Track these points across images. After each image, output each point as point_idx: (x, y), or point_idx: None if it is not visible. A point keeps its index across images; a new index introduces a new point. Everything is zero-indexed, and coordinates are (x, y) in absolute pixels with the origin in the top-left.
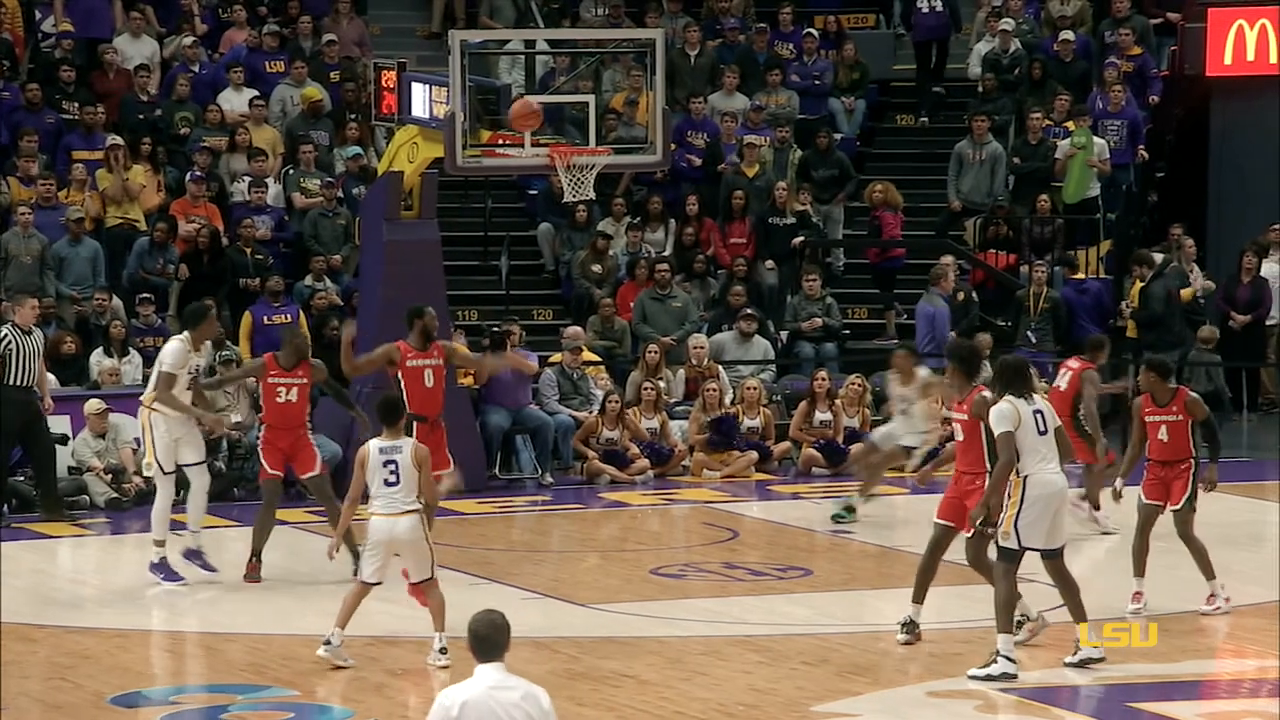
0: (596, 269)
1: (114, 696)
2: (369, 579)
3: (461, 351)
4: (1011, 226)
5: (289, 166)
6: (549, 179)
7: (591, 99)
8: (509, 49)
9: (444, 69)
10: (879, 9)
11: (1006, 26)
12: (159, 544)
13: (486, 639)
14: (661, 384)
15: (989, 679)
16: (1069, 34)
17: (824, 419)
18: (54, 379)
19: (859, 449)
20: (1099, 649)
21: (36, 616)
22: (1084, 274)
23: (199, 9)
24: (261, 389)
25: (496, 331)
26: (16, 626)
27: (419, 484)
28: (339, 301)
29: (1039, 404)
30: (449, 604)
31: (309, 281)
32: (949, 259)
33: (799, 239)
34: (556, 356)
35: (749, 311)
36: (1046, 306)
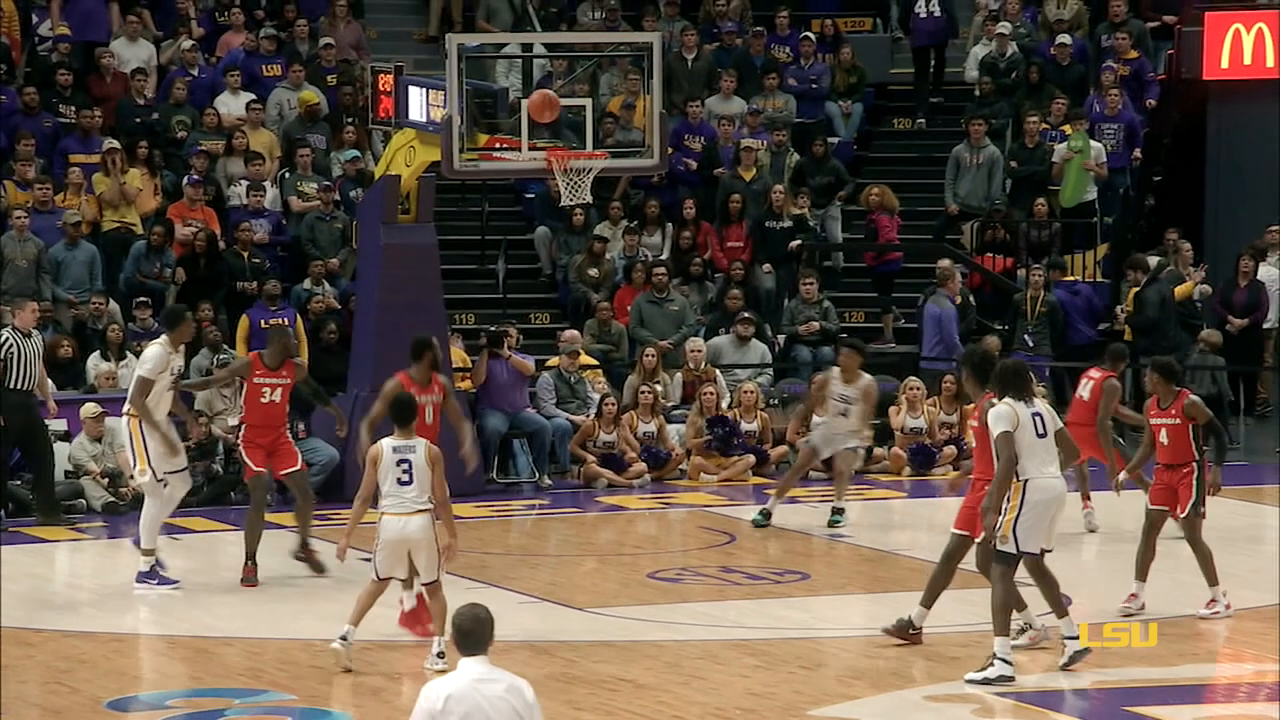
0: (593, 272)
1: (111, 701)
2: (382, 575)
3: (453, 403)
4: (1008, 230)
5: (286, 170)
6: (546, 183)
7: (589, 102)
8: (506, 53)
9: (441, 73)
10: (876, 12)
11: (1003, 30)
12: (148, 553)
13: (470, 633)
14: (659, 387)
15: (986, 682)
16: (1066, 38)
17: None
18: (51, 383)
19: (804, 454)
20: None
21: (33, 621)
22: (1076, 276)
23: (196, 13)
24: (246, 388)
25: (493, 331)
26: (14, 631)
27: (431, 484)
28: (336, 305)
29: (1039, 407)
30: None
31: (306, 285)
32: (947, 262)
33: (796, 242)
34: (554, 360)
35: (746, 315)
36: (1043, 310)
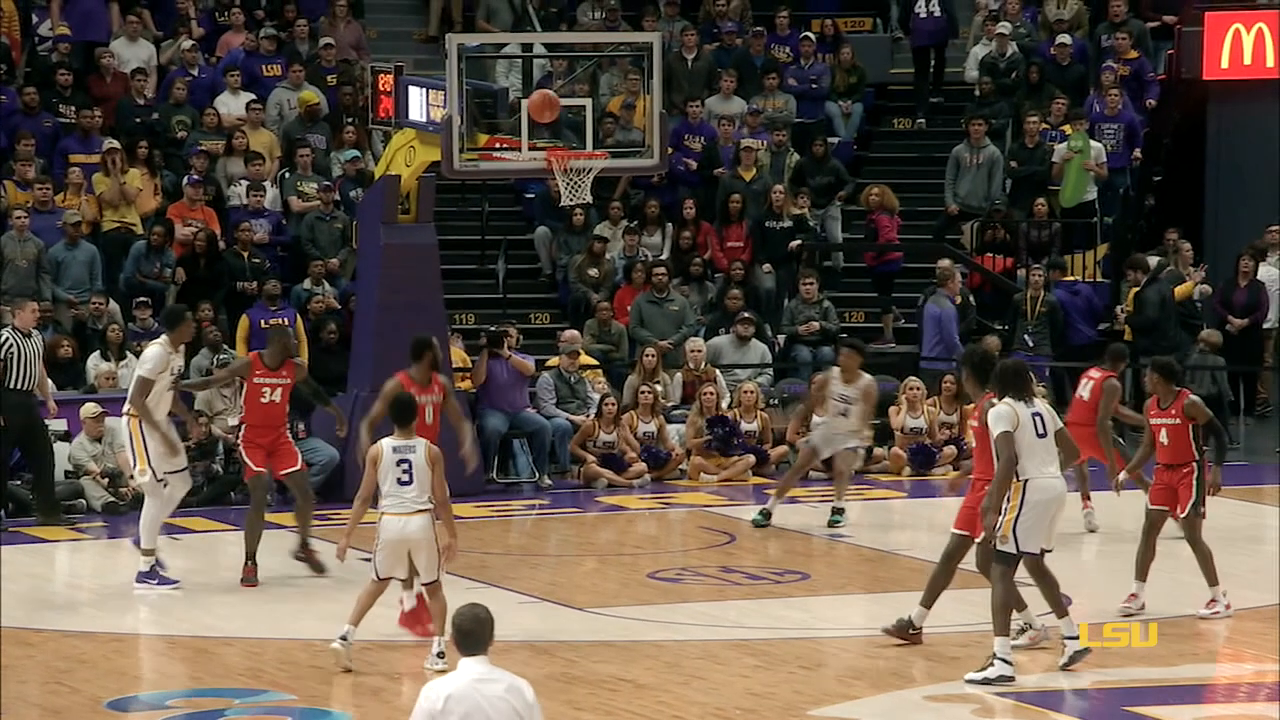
0: (593, 273)
1: (111, 701)
2: (383, 575)
3: (453, 403)
4: (1008, 230)
5: (286, 170)
6: (546, 183)
7: (589, 102)
8: (506, 53)
9: (441, 73)
10: (876, 12)
11: (1003, 30)
12: (148, 553)
13: (470, 633)
14: (659, 387)
15: (986, 682)
16: (1066, 38)
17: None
18: (51, 383)
19: (804, 454)
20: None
21: (33, 621)
22: (1076, 276)
23: (196, 13)
24: (246, 388)
25: (493, 331)
26: (14, 631)
27: (431, 484)
28: (336, 305)
29: (1039, 407)
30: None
31: (306, 285)
32: (947, 262)
33: (796, 242)
34: (554, 360)
35: (746, 315)
36: (1043, 310)
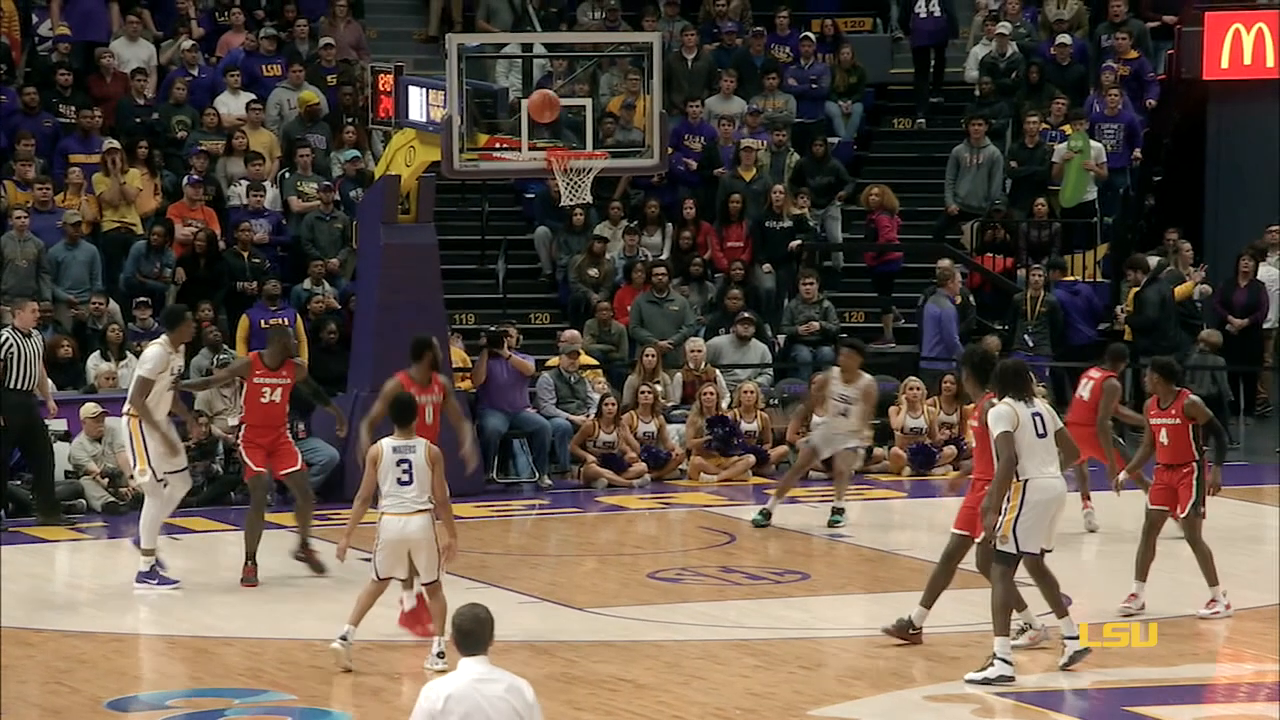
0: (593, 273)
1: (111, 701)
2: (383, 575)
3: (453, 403)
4: (1008, 230)
5: (286, 170)
6: (546, 183)
7: (589, 102)
8: (506, 53)
9: (441, 73)
10: (876, 12)
11: (1003, 30)
12: (148, 553)
13: (470, 633)
14: (659, 387)
15: (986, 682)
16: (1066, 38)
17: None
18: (51, 383)
19: (804, 454)
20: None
21: (33, 621)
22: (1076, 276)
23: (196, 13)
24: (246, 388)
25: (493, 331)
26: (14, 631)
27: (431, 484)
28: (336, 305)
29: (1039, 407)
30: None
31: (306, 285)
32: (947, 262)
33: (796, 242)
34: (553, 360)
35: (746, 315)
36: (1043, 310)
